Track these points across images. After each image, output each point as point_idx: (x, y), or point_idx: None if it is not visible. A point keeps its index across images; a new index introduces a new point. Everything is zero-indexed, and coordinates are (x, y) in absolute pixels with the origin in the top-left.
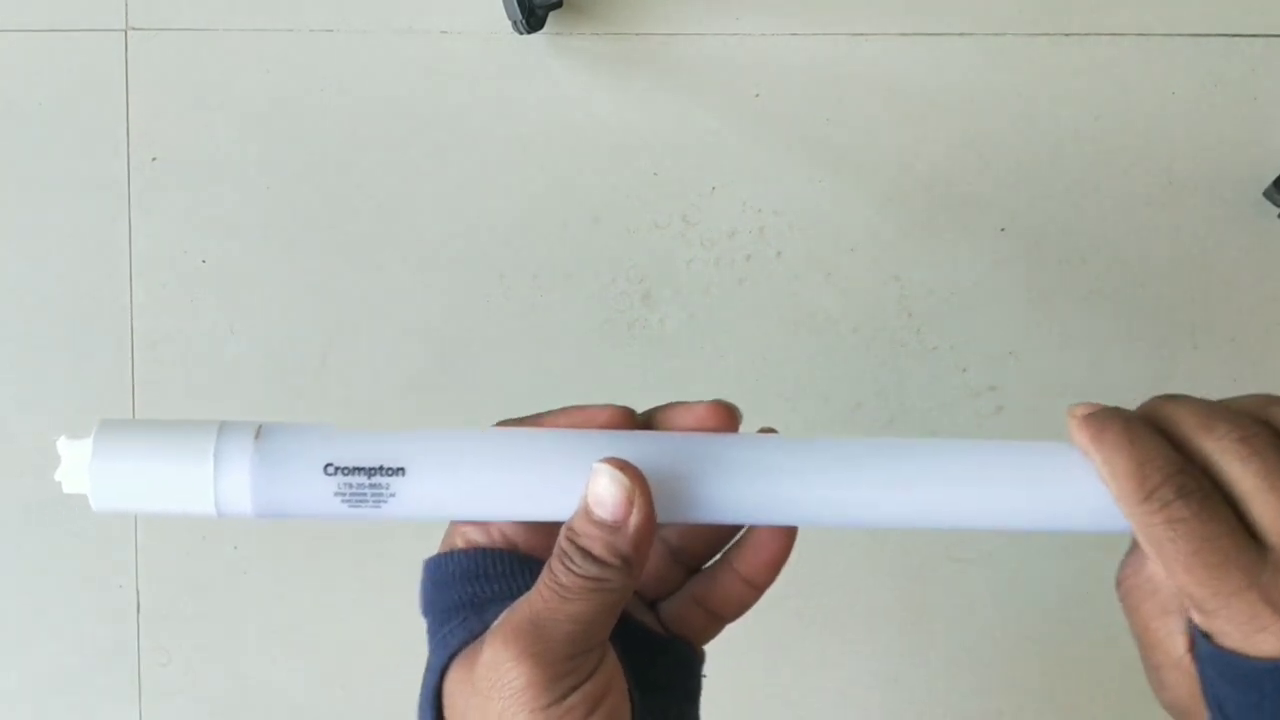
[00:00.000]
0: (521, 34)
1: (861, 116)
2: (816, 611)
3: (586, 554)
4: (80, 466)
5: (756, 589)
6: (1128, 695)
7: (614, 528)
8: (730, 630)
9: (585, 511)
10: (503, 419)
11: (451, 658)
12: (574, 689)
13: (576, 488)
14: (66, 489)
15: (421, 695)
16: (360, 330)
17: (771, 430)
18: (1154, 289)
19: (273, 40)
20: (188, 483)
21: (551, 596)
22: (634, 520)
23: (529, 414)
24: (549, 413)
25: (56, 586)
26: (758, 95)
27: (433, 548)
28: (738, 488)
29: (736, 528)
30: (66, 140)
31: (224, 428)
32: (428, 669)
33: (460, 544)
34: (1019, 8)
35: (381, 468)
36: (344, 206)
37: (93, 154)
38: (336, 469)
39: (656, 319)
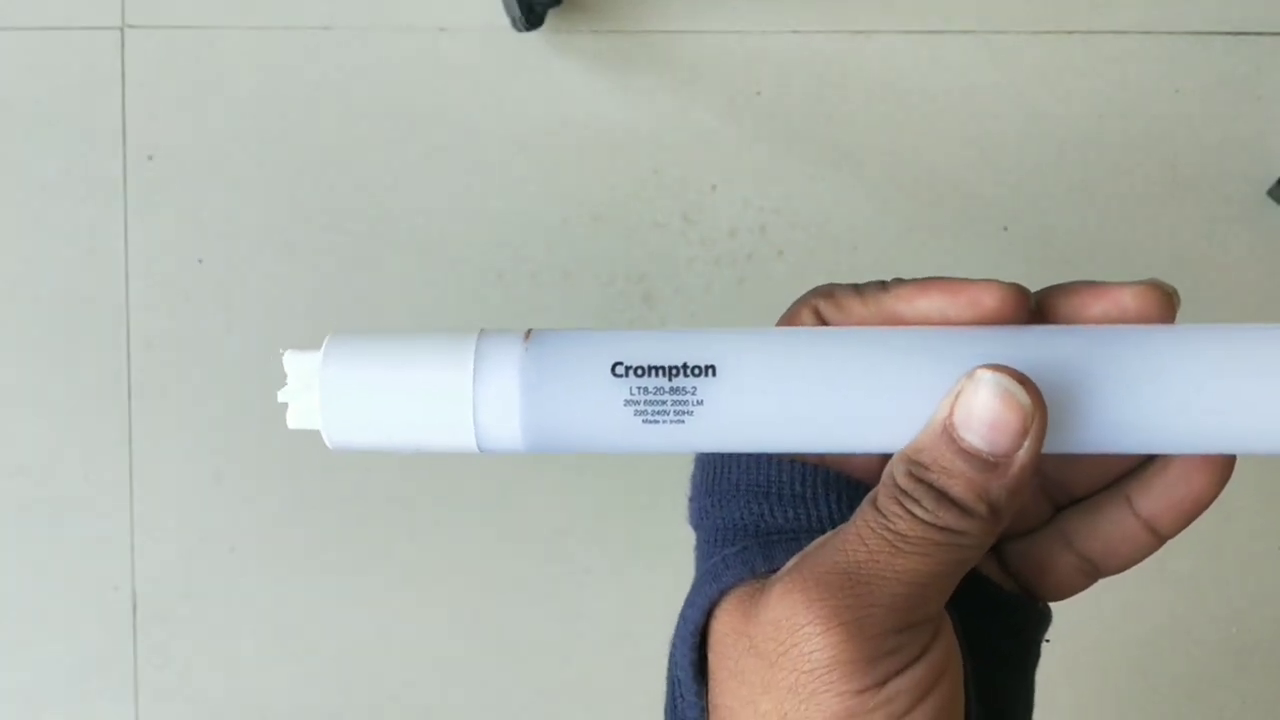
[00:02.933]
0: (521, 31)
1: (864, 114)
2: None
3: (942, 497)
4: (308, 388)
5: (1161, 537)
6: (1130, 696)
7: (990, 464)
8: None
9: (948, 435)
10: None
11: (723, 593)
12: (898, 672)
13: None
14: (292, 422)
15: (678, 632)
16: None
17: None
18: None
19: (270, 38)
20: (442, 402)
21: (880, 545)
22: (1021, 456)
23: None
24: (895, 284)
25: (54, 588)
26: (759, 93)
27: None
28: (1180, 405)
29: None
30: (62, 138)
31: (485, 333)
32: (690, 601)
33: None
34: (1022, 5)
35: (686, 366)
36: (342, 205)
37: (89, 152)
38: (628, 369)
39: (657, 318)
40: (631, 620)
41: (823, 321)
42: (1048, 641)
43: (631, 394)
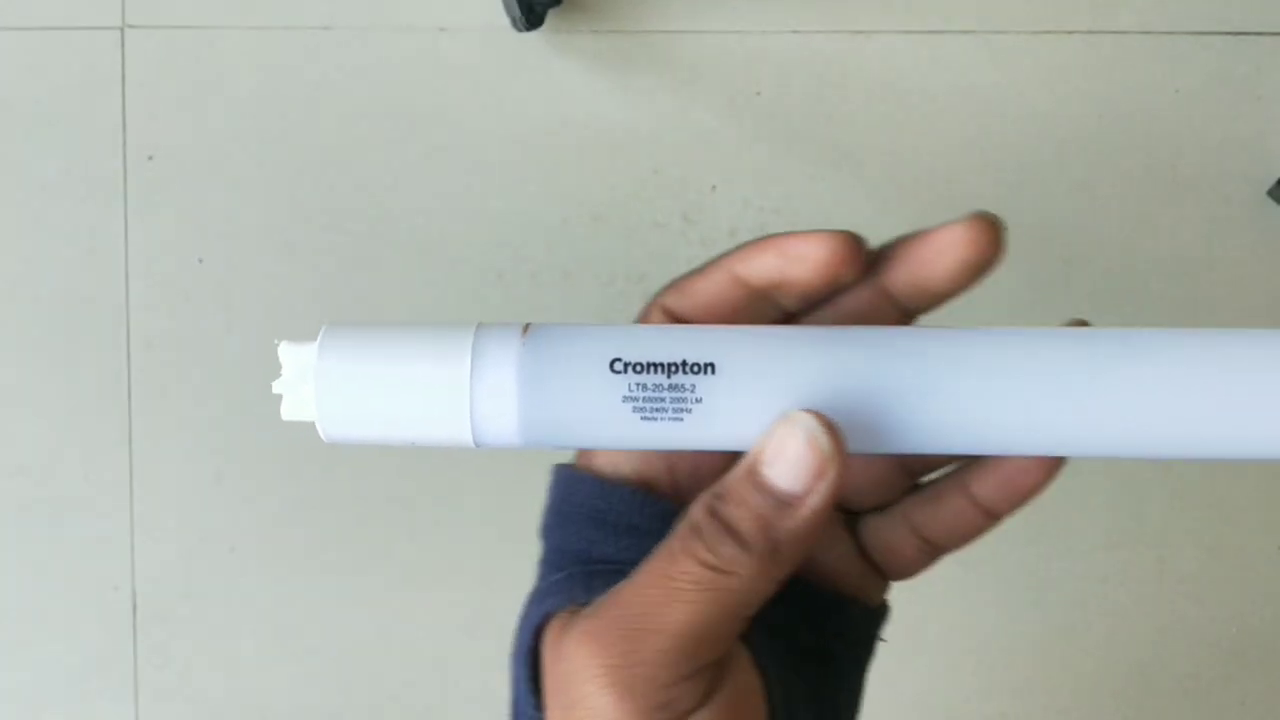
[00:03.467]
0: (521, 31)
1: (864, 114)
2: None
3: (725, 529)
4: (303, 379)
5: (995, 518)
6: (1129, 696)
7: (782, 502)
8: None
9: (751, 470)
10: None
11: (547, 618)
12: None
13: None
14: (286, 414)
15: (517, 645)
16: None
17: (1083, 323)
18: (1158, 288)
19: (270, 38)
20: (438, 394)
21: (656, 595)
22: (813, 500)
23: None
24: (736, 251)
25: (53, 588)
26: (759, 93)
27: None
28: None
29: None
30: (63, 138)
31: (482, 326)
32: (522, 620)
33: (602, 461)
34: (1022, 5)
35: (685, 364)
36: (342, 205)
37: (89, 152)
38: (626, 365)
39: None
40: None
41: (673, 317)
42: (883, 641)
43: (630, 390)
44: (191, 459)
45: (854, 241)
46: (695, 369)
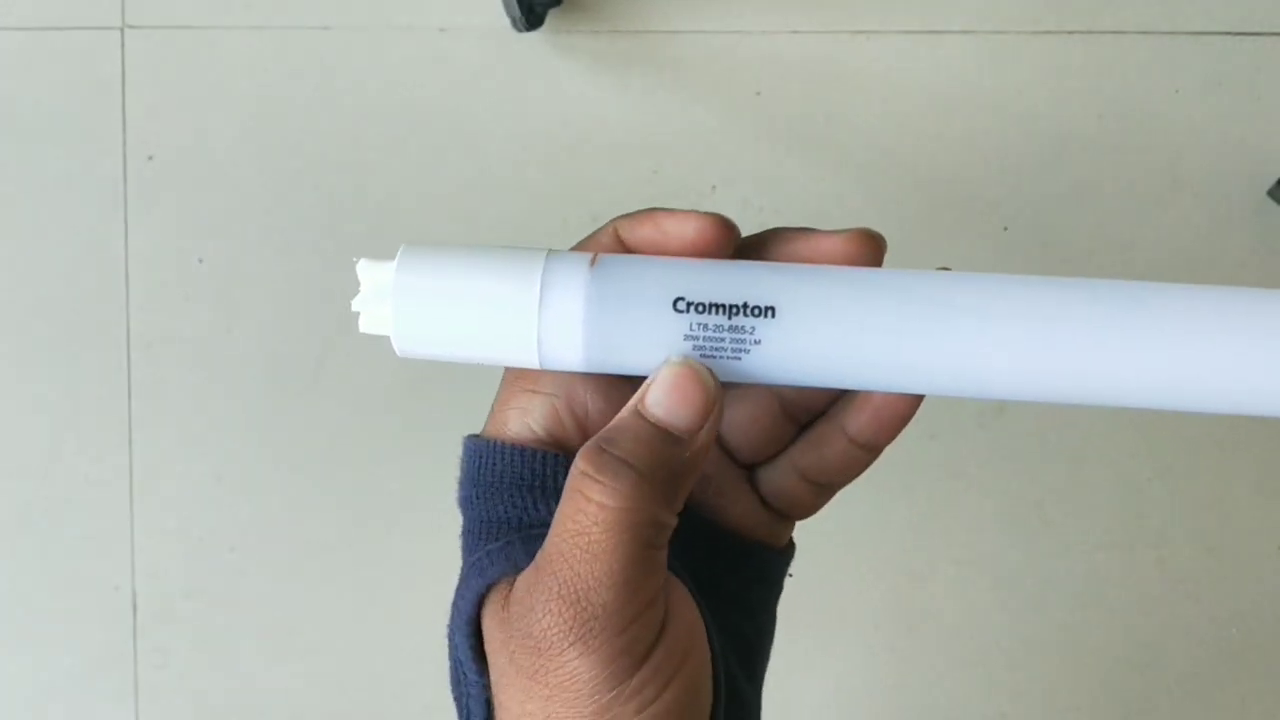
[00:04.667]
0: (521, 31)
1: (863, 114)
2: (811, 615)
3: (622, 465)
4: (381, 296)
5: (872, 452)
6: (1130, 697)
7: (674, 437)
8: None
9: (638, 413)
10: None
11: (490, 587)
12: (642, 662)
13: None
14: (364, 327)
15: (453, 620)
16: (358, 330)
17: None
18: None
19: (270, 37)
20: (507, 316)
21: (577, 558)
22: (703, 435)
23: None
24: (626, 217)
25: (53, 588)
26: (759, 93)
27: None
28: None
29: None
30: (62, 139)
31: (553, 253)
32: (461, 591)
33: (514, 430)
34: (1021, 5)
35: (746, 305)
36: (341, 205)
37: (89, 153)
38: (690, 304)
39: None
40: None
41: (622, 246)
42: (790, 576)
43: (691, 330)
44: (191, 459)
45: (723, 226)
46: (756, 312)
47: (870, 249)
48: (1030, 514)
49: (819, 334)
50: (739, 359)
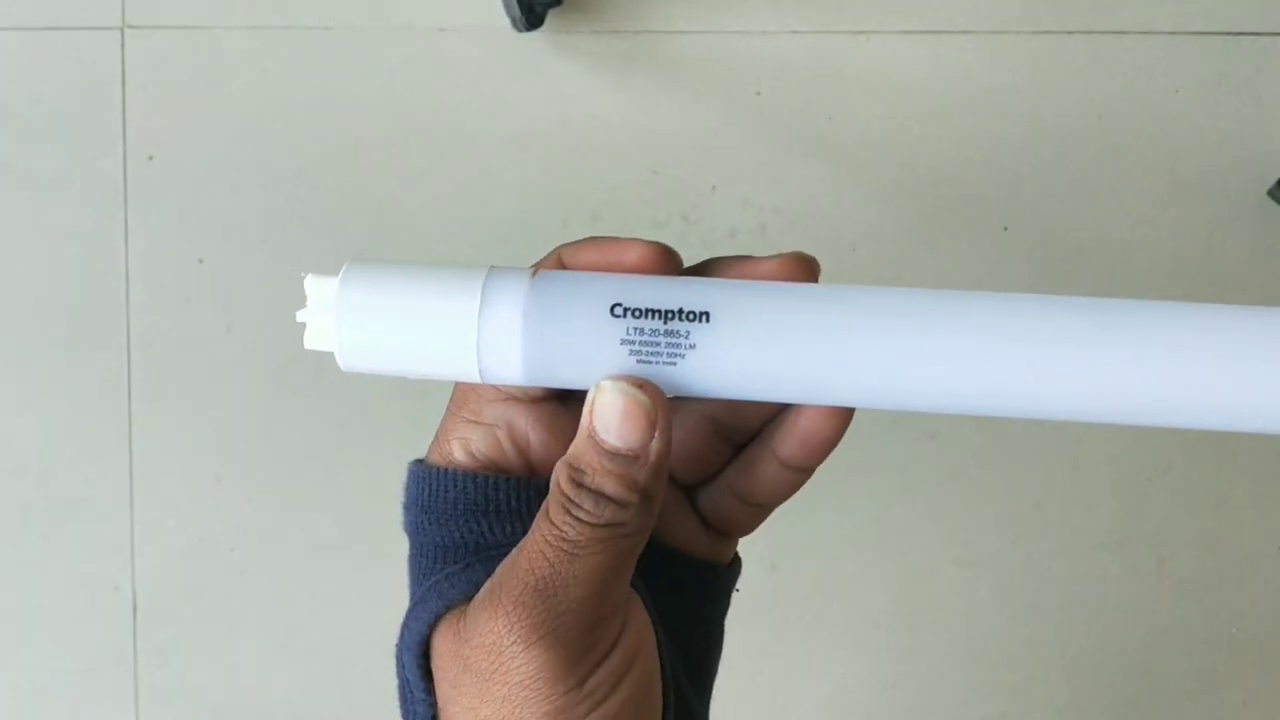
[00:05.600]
0: (521, 31)
1: (863, 114)
2: (812, 617)
3: (599, 496)
4: (325, 310)
5: (803, 473)
6: (1130, 697)
7: (631, 457)
8: (725, 634)
9: (591, 440)
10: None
11: (448, 608)
12: (597, 665)
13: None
14: (308, 343)
15: (403, 640)
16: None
17: None
18: (1157, 288)
19: (270, 38)
20: (447, 329)
21: (559, 557)
22: (655, 445)
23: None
24: (569, 245)
25: (54, 588)
26: (759, 93)
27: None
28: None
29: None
30: (62, 138)
31: (494, 269)
32: (416, 613)
33: (460, 456)
34: (1021, 5)
35: (681, 311)
36: (342, 205)
37: (89, 152)
38: (626, 310)
39: None
40: None
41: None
42: (738, 591)
43: (628, 334)
44: (191, 459)
45: (664, 253)
46: (691, 316)
47: (804, 271)
48: (1030, 514)
49: (753, 339)
50: (674, 364)
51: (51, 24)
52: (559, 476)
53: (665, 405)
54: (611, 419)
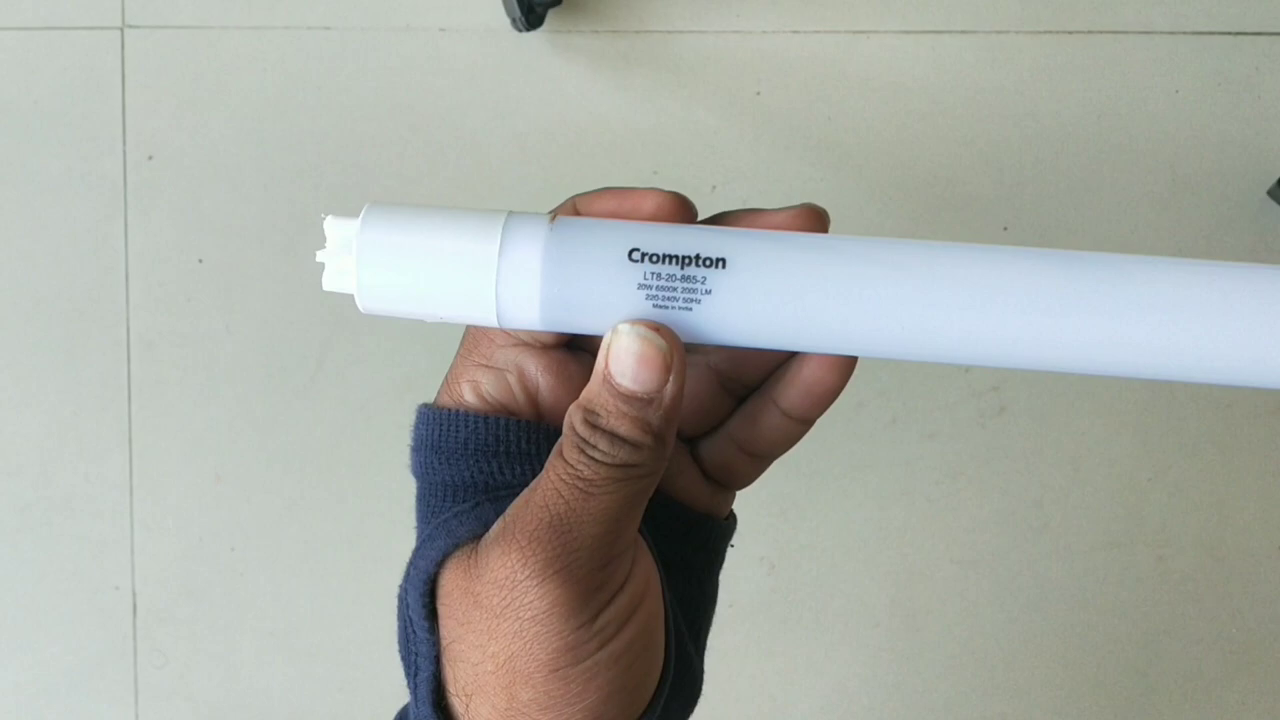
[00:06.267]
0: (521, 31)
1: (863, 114)
2: (812, 617)
3: (613, 437)
4: (345, 251)
5: (804, 424)
6: (1130, 697)
7: (646, 401)
8: (725, 634)
9: (607, 383)
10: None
11: (457, 546)
12: (608, 603)
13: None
14: (327, 284)
15: (409, 579)
16: (357, 330)
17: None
18: None
19: (270, 38)
20: (467, 272)
21: (574, 494)
22: (670, 389)
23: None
24: (585, 194)
25: (53, 588)
26: (758, 93)
27: None
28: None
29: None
30: (62, 138)
31: (513, 213)
32: (423, 550)
33: (470, 398)
34: (1021, 5)
35: (698, 257)
36: (342, 205)
37: (89, 152)
38: (644, 255)
39: None
40: None
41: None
42: (732, 546)
43: (645, 279)
44: (191, 459)
45: (680, 203)
46: (708, 262)
47: (816, 222)
48: (1030, 514)
49: (768, 286)
50: (690, 309)
51: (51, 24)
52: (573, 418)
53: (680, 350)
54: (627, 362)
